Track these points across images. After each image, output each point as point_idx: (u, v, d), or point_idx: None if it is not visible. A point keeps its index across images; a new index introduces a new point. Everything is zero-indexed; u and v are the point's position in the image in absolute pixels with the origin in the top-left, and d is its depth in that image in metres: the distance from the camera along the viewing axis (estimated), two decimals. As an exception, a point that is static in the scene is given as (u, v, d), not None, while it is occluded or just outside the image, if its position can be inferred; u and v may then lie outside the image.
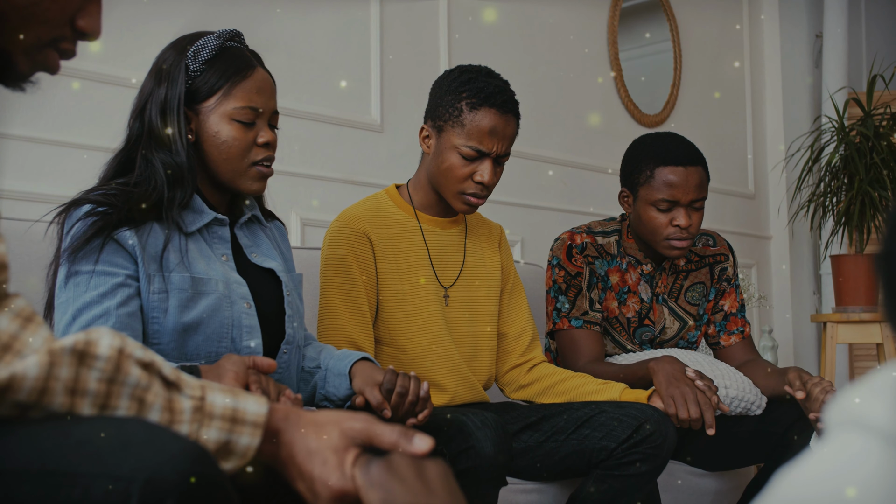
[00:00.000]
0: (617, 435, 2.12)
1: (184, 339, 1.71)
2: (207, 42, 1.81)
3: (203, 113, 1.80)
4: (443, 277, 2.34)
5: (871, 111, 4.21)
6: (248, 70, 1.82)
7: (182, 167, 1.75)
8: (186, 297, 1.71)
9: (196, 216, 1.80)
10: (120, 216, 1.68)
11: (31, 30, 1.03)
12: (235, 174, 1.82)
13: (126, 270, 1.68)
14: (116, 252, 1.68)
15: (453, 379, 2.28)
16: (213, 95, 1.79)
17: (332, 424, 1.06)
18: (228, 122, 1.79)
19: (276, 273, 1.90)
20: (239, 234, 1.91)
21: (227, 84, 1.79)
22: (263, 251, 1.93)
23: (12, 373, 0.88)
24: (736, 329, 2.79)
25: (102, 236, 1.66)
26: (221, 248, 1.83)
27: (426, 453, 1.05)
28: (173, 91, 1.77)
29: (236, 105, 1.79)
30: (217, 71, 1.79)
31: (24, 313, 0.93)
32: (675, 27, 4.82)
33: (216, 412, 1.00)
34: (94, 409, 0.94)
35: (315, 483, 1.03)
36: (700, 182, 2.59)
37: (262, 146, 1.83)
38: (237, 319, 1.76)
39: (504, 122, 2.23)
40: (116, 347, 0.96)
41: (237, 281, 1.80)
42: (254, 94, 1.81)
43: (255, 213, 1.95)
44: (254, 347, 1.77)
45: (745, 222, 5.16)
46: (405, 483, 1.00)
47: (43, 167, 2.61)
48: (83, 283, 1.65)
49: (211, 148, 1.80)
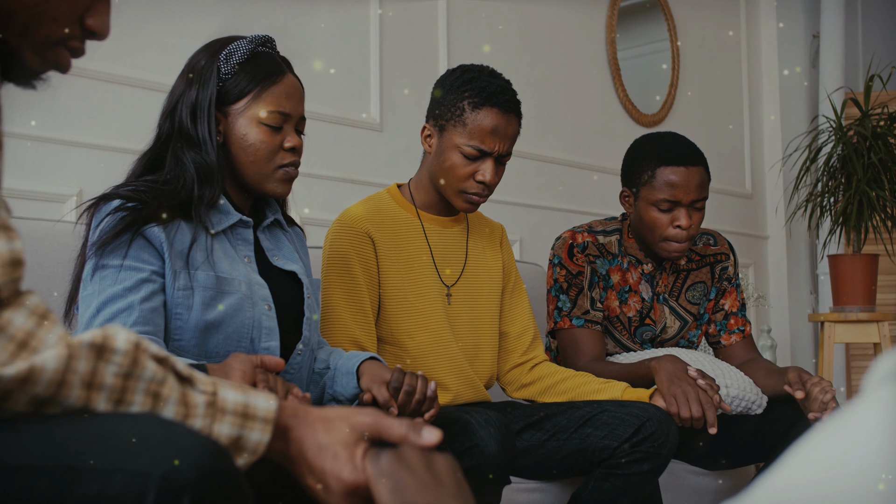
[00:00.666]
0: (619, 434, 2.13)
1: (205, 336, 1.73)
2: (240, 46, 1.83)
3: (232, 115, 1.82)
4: (445, 276, 2.35)
5: (869, 111, 4.22)
6: (278, 75, 1.85)
7: (212, 167, 1.78)
8: (210, 296, 1.73)
9: (222, 217, 1.82)
10: (149, 212, 1.70)
11: (40, 27, 1.04)
12: (261, 176, 1.85)
13: (152, 266, 1.70)
14: (144, 248, 1.70)
15: (455, 378, 2.28)
16: (243, 98, 1.82)
17: (340, 419, 1.07)
18: (257, 125, 1.82)
19: (298, 276, 1.92)
20: (261, 237, 1.93)
21: (258, 88, 1.82)
22: (285, 255, 1.95)
23: (32, 364, 0.89)
24: (737, 328, 2.80)
25: (131, 231, 1.68)
26: (245, 249, 1.85)
27: (435, 445, 1.06)
28: (205, 92, 1.80)
29: (266, 109, 1.82)
30: (248, 75, 1.82)
31: (39, 311, 0.94)
32: (672, 27, 4.83)
33: (228, 407, 1.01)
34: (109, 404, 0.94)
35: (327, 477, 1.03)
36: (701, 182, 2.59)
37: (289, 150, 1.86)
38: (258, 320, 1.78)
39: (506, 121, 2.23)
40: (133, 342, 0.96)
41: (259, 283, 1.82)
42: (283, 99, 1.84)
43: (277, 217, 1.97)
44: (272, 348, 1.79)
45: (743, 222, 5.17)
46: (414, 473, 1.00)
47: (43, 166, 2.61)
48: (110, 276, 1.66)
49: (238, 150, 1.83)
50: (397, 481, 0.99)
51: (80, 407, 0.93)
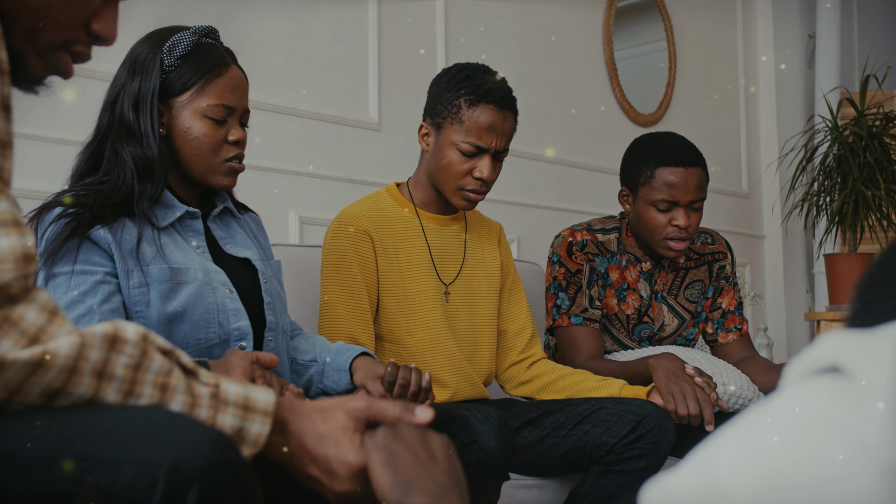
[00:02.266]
0: (617, 431, 2.14)
1: (170, 328, 1.71)
2: (183, 37, 1.81)
3: (176, 108, 1.80)
4: (443, 274, 2.36)
5: (865, 111, 4.24)
6: (222, 68, 1.82)
7: (153, 161, 1.75)
8: (167, 288, 1.71)
9: (167, 211, 1.80)
10: (92, 215, 1.67)
11: (43, 32, 1.04)
12: (206, 170, 1.83)
13: (104, 268, 1.68)
14: (92, 250, 1.68)
15: (454, 375, 2.30)
16: (186, 91, 1.79)
17: (335, 408, 1.09)
18: (200, 118, 1.80)
19: (252, 262, 1.90)
20: (212, 226, 1.91)
21: (202, 81, 1.79)
22: (238, 241, 1.93)
23: (45, 349, 0.90)
24: (734, 327, 2.82)
25: (77, 236, 1.66)
26: (196, 239, 1.83)
27: (428, 423, 1.09)
28: (147, 84, 1.77)
29: (209, 102, 1.80)
30: (192, 67, 1.79)
31: (49, 307, 0.95)
32: (669, 27, 4.84)
33: (230, 399, 1.02)
34: (118, 396, 0.95)
35: (332, 464, 1.05)
36: (700, 183, 2.61)
37: (233, 144, 1.84)
38: (221, 304, 1.76)
39: (502, 117, 2.25)
40: (141, 334, 0.98)
41: (215, 269, 1.80)
42: (227, 91, 1.82)
43: (226, 206, 1.95)
44: (242, 328, 1.77)
45: (739, 221, 5.19)
46: (408, 447, 1.02)
47: (45, 165, 2.62)
48: (63, 284, 1.64)
49: (182, 143, 1.81)
50: (391, 454, 1.02)
51: (90, 396, 0.94)
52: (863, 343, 0.65)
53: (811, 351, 0.67)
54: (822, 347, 0.67)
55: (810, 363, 0.67)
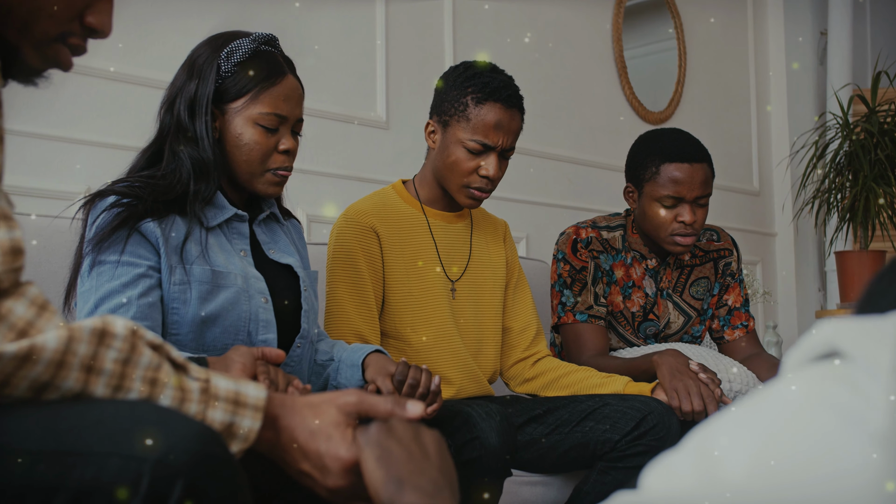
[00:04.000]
0: (621, 427, 2.14)
1: (202, 330, 1.73)
2: (242, 44, 1.83)
3: (229, 113, 1.82)
4: (449, 271, 2.36)
5: (876, 108, 4.22)
6: (278, 77, 1.84)
7: (208, 163, 1.78)
8: (206, 290, 1.74)
9: (217, 211, 1.83)
10: (145, 207, 1.71)
11: (37, 24, 1.04)
12: (252, 176, 1.85)
13: (149, 261, 1.71)
14: (140, 243, 1.71)
15: (459, 372, 2.30)
16: (241, 98, 1.81)
17: (326, 403, 1.09)
18: (252, 125, 1.82)
19: (294, 269, 1.93)
20: (257, 230, 1.93)
21: (256, 88, 1.81)
22: (281, 248, 1.95)
23: (32, 343, 0.91)
24: (740, 323, 2.81)
25: (127, 227, 1.69)
26: (240, 243, 1.86)
27: (419, 417, 1.09)
28: (203, 88, 1.80)
29: (262, 110, 1.82)
30: (248, 74, 1.81)
31: (39, 301, 0.95)
32: (679, 25, 4.83)
33: (220, 394, 1.02)
34: (107, 390, 0.96)
35: (324, 459, 1.05)
36: (705, 179, 2.60)
37: (283, 153, 1.86)
38: (254, 314, 1.78)
39: (509, 116, 2.25)
40: (130, 328, 0.98)
41: (255, 276, 1.82)
42: (281, 101, 1.83)
43: (273, 211, 1.98)
44: (269, 341, 1.80)
45: (751, 219, 5.17)
46: (401, 443, 1.02)
47: (50, 164, 2.64)
48: (107, 272, 1.67)
49: (233, 148, 1.83)
50: (384, 450, 1.01)
51: (78, 391, 0.94)
52: (861, 327, 0.65)
53: (809, 338, 0.68)
54: (819, 334, 0.67)
55: (809, 350, 0.67)
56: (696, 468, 0.65)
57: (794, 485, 0.60)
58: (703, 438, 0.67)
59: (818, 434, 0.61)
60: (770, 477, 0.61)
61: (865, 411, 0.60)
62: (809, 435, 0.61)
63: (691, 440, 0.68)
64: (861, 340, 0.64)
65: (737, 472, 0.62)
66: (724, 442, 0.65)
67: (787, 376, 0.67)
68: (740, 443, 0.64)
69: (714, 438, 0.66)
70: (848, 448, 0.59)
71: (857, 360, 0.63)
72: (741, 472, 0.62)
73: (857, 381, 0.62)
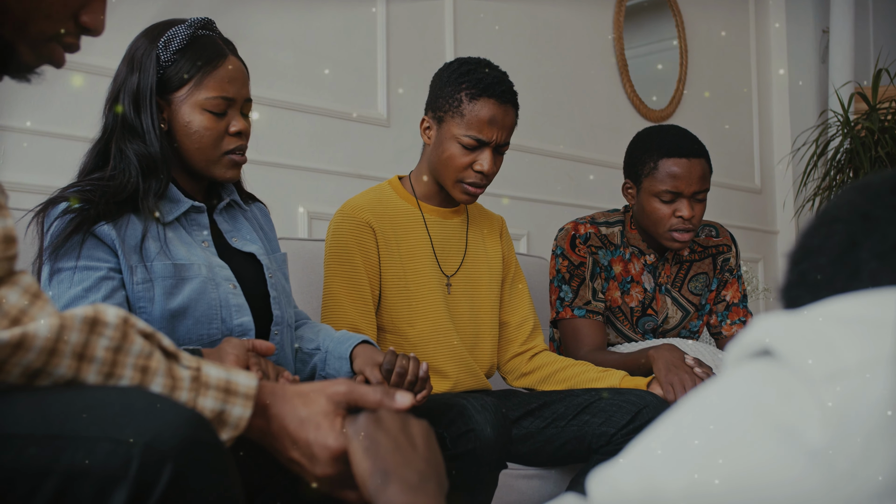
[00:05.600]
0: (616, 421, 2.16)
1: (173, 324, 1.72)
2: (178, 31, 1.80)
3: (175, 103, 1.80)
4: (445, 266, 2.38)
5: (877, 105, 4.23)
6: (218, 60, 1.81)
7: (156, 157, 1.76)
8: (171, 284, 1.72)
9: (173, 205, 1.81)
10: (97, 211, 1.68)
11: (34, 24, 1.06)
12: (208, 163, 1.83)
13: (108, 264, 1.69)
14: (97, 246, 1.68)
15: (455, 366, 2.31)
16: (184, 85, 1.79)
17: (316, 392, 1.11)
18: (200, 111, 1.79)
19: (257, 257, 1.90)
20: (218, 219, 1.91)
21: (199, 74, 1.79)
22: (244, 235, 1.93)
23: (25, 331, 0.92)
24: (738, 319, 2.82)
25: (82, 232, 1.66)
26: (201, 234, 1.84)
27: (408, 408, 1.10)
28: (145, 81, 1.77)
29: (207, 95, 1.79)
30: (188, 61, 1.79)
31: (32, 290, 0.97)
32: (681, 23, 4.84)
33: (211, 382, 1.04)
34: (99, 378, 0.97)
35: (313, 447, 1.07)
36: (703, 174, 2.61)
37: (235, 135, 1.83)
38: (224, 299, 1.77)
39: (503, 111, 2.26)
40: (122, 317, 1.00)
41: (219, 264, 1.80)
42: (225, 83, 1.81)
43: (233, 198, 1.95)
44: (245, 323, 1.78)
45: (752, 217, 5.17)
46: (389, 434, 1.04)
47: (53, 160, 2.66)
48: (66, 279, 1.66)
49: (183, 137, 1.80)
50: (372, 441, 1.03)
51: (70, 378, 0.96)
52: (793, 326, 0.65)
53: (747, 333, 0.68)
54: (756, 330, 0.67)
55: (746, 346, 0.68)
56: (638, 484, 0.65)
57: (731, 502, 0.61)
58: (645, 451, 0.67)
59: (756, 453, 0.61)
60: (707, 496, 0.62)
61: (802, 427, 0.60)
62: (747, 454, 0.61)
63: (634, 449, 0.69)
64: (794, 343, 0.64)
65: (676, 491, 0.63)
66: (663, 459, 0.65)
67: (725, 376, 0.67)
68: (679, 461, 0.64)
69: (655, 453, 0.66)
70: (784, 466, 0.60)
71: (791, 366, 0.63)
72: (680, 490, 0.63)
73: (793, 392, 0.62)
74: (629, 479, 0.66)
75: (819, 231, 0.75)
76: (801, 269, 0.75)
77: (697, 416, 0.66)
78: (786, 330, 0.65)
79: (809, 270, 0.74)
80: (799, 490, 0.59)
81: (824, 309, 0.66)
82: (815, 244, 0.75)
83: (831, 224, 0.74)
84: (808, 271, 0.74)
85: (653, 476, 0.65)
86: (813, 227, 0.76)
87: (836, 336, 0.63)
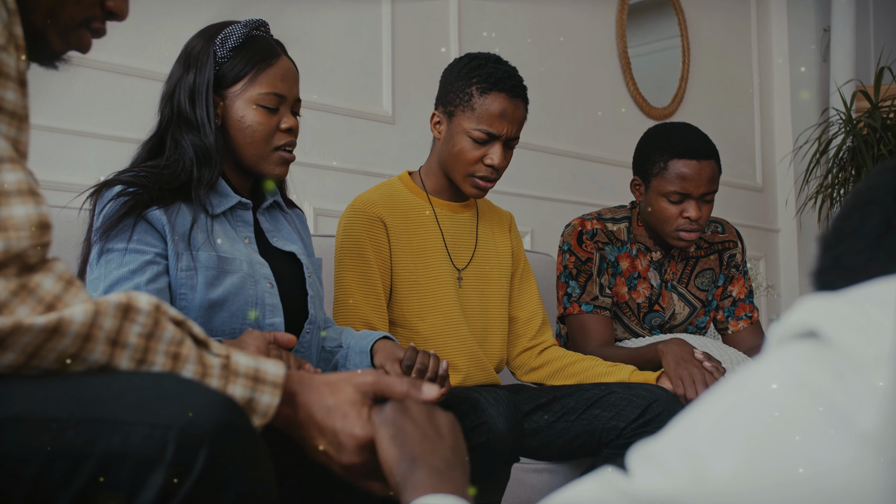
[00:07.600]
0: (626, 415, 2.16)
1: (210, 315, 1.75)
2: (234, 30, 1.88)
3: (229, 98, 1.86)
4: (456, 260, 2.38)
5: (879, 103, 4.24)
6: (272, 58, 1.88)
7: (210, 148, 1.81)
8: (213, 275, 1.76)
9: (221, 199, 1.86)
10: (150, 196, 1.73)
11: (64, 10, 1.09)
12: (259, 158, 1.88)
13: (156, 248, 1.73)
14: (147, 231, 1.73)
15: (466, 360, 2.32)
16: (239, 81, 1.85)
17: (344, 382, 1.12)
18: (253, 107, 1.85)
19: (297, 256, 1.95)
20: (261, 218, 1.96)
21: (253, 71, 1.86)
22: (284, 235, 1.98)
23: (60, 316, 0.93)
24: (744, 315, 2.83)
25: (134, 215, 1.71)
26: (245, 230, 1.89)
27: (435, 400, 1.11)
28: (202, 76, 1.84)
29: (261, 91, 1.85)
30: (243, 58, 1.86)
31: (66, 276, 0.98)
32: (683, 21, 4.85)
33: (241, 370, 1.05)
34: (132, 363, 0.98)
35: (339, 436, 1.08)
36: (712, 176, 2.61)
37: (285, 132, 1.89)
38: (260, 298, 1.81)
39: (513, 105, 2.27)
40: (154, 304, 1.00)
41: (260, 262, 1.85)
42: (278, 80, 1.87)
43: (276, 200, 2.01)
44: (276, 324, 1.82)
45: (754, 215, 5.19)
46: (416, 423, 1.05)
47: (61, 156, 2.66)
48: (115, 260, 1.70)
49: (236, 132, 1.86)
50: (398, 429, 1.04)
51: (103, 363, 0.97)
52: (839, 307, 0.64)
53: (791, 315, 0.67)
54: (800, 312, 0.66)
55: (790, 327, 0.67)
56: (685, 468, 0.64)
57: (781, 487, 0.60)
58: (689, 430, 0.66)
59: (805, 435, 0.60)
60: (757, 480, 0.61)
61: (853, 410, 0.59)
62: (796, 436, 0.60)
63: (678, 426, 0.67)
64: (841, 326, 0.63)
65: (724, 475, 0.62)
66: (709, 439, 0.64)
67: (769, 357, 0.66)
68: (727, 444, 0.63)
69: (699, 432, 0.65)
70: (835, 449, 0.59)
71: (839, 349, 0.62)
72: (728, 474, 0.62)
73: (843, 375, 0.61)
74: (674, 459, 0.66)
75: (853, 214, 0.75)
76: (834, 254, 0.74)
77: (742, 395, 0.65)
78: (832, 312, 0.64)
79: (844, 254, 0.73)
80: (851, 475, 0.58)
81: (868, 292, 0.65)
82: (849, 228, 0.74)
83: (865, 207, 0.74)
84: (843, 255, 0.73)
85: (698, 455, 0.64)
86: (846, 210, 0.76)
87: (884, 319, 0.62)
